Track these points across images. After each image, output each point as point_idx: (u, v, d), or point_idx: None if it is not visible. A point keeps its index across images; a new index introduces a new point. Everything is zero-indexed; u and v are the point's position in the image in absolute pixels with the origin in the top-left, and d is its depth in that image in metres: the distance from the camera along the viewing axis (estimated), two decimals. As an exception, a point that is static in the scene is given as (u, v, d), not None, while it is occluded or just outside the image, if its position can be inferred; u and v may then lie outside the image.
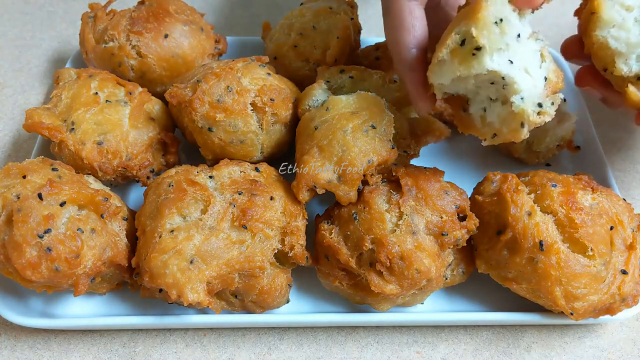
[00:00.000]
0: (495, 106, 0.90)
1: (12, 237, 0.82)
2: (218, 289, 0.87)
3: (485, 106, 0.91)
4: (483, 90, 0.90)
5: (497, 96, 0.89)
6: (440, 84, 0.87)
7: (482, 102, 0.91)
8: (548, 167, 1.22)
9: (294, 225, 0.93)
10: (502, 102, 0.90)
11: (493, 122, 0.91)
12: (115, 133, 1.03)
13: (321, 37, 1.16)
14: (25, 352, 0.97)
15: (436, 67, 0.86)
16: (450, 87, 0.89)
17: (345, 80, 1.07)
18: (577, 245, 0.88)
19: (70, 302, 0.99)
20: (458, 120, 0.95)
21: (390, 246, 0.87)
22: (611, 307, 0.90)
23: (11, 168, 0.91)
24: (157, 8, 1.20)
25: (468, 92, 0.91)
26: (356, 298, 0.96)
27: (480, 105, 0.92)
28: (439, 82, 0.87)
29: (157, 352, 0.97)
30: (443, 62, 0.85)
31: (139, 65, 1.16)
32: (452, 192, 0.94)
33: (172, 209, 0.88)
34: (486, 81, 0.88)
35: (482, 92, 0.90)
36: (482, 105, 0.92)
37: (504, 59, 0.85)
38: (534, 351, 0.98)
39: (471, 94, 0.91)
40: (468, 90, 0.91)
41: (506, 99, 0.88)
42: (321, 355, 0.97)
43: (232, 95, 0.99)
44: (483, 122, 0.92)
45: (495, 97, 0.90)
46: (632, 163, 1.27)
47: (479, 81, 0.88)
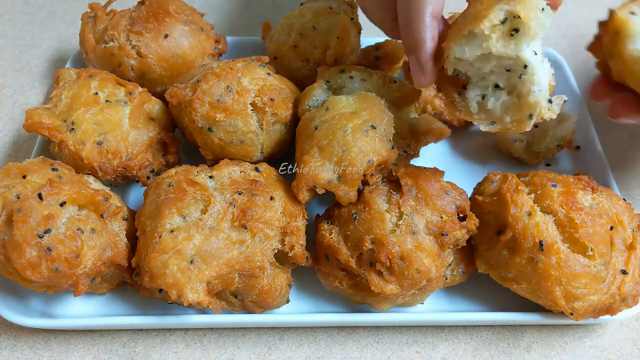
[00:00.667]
0: (500, 94, 0.90)
1: (12, 237, 0.82)
2: (218, 289, 0.87)
3: (486, 93, 0.91)
4: (493, 76, 0.89)
5: (505, 85, 0.89)
6: (457, 59, 0.86)
7: (484, 88, 0.91)
8: (548, 167, 1.22)
9: (294, 225, 0.93)
10: (508, 91, 0.89)
11: (493, 110, 0.91)
12: (115, 133, 1.03)
13: (321, 37, 1.16)
14: (25, 352, 0.97)
15: (464, 39, 0.84)
16: (464, 65, 0.88)
17: (345, 80, 1.07)
18: (577, 245, 0.88)
19: (70, 302, 0.99)
20: (449, 103, 0.93)
21: (390, 246, 0.87)
22: (611, 307, 0.90)
23: (11, 168, 0.91)
24: (157, 8, 1.20)
25: (474, 74, 0.90)
26: (356, 298, 0.96)
27: (479, 91, 0.91)
28: (459, 57, 0.85)
29: (157, 352, 0.97)
30: (474, 36, 0.83)
31: (139, 65, 1.16)
32: (452, 192, 0.94)
33: (172, 209, 0.88)
34: (504, 66, 0.87)
35: (489, 78, 0.90)
36: (482, 91, 0.91)
37: (533, 48, 0.85)
38: (534, 351, 0.98)
39: (475, 78, 0.90)
40: (475, 73, 0.90)
41: (514, 89, 0.89)
42: (321, 355, 0.97)
43: (232, 95, 0.99)
44: (481, 108, 0.91)
45: (503, 85, 0.89)
46: (632, 163, 1.27)
47: (497, 65, 0.87)
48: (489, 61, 0.87)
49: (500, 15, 0.82)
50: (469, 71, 0.90)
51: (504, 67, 0.87)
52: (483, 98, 0.91)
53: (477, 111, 0.92)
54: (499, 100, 0.90)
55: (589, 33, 1.48)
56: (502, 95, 0.90)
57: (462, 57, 0.85)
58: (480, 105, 0.92)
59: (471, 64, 0.88)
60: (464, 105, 0.92)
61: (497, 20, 0.82)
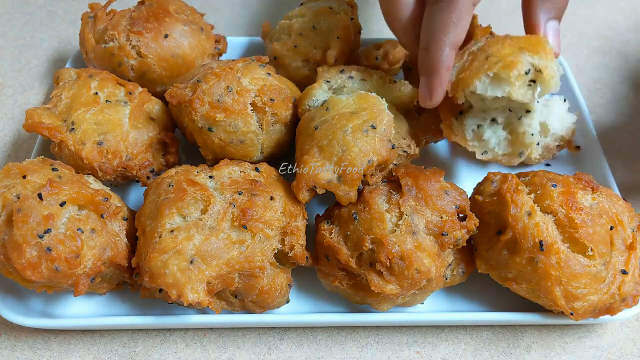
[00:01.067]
0: (496, 128, 1.01)
1: (12, 237, 0.82)
2: (218, 289, 0.87)
3: (482, 124, 1.02)
4: (494, 112, 1.00)
5: (502, 121, 1.01)
6: (472, 92, 0.96)
7: (482, 119, 1.01)
8: (548, 167, 1.22)
9: (294, 225, 0.93)
10: (503, 127, 1.01)
11: (488, 141, 1.02)
12: (115, 133, 1.03)
13: (321, 37, 1.16)
14: (25, 352, 0.97)
15: (488, 79, 0.94)
16: (475, 97, 0.98)
17: (345, 80, 1.07)
18: (577, 245, 0.88)
19: (70, 302, 0.99)
20: (447, 126, 1.02)
21: (390, 246, 0.87)
22: (611, 307, 0.90)
23: (11, 168, 0.91)
24: (157, 8, 1.20)
25: (479, 106, 1.00)
26: (356, 298, 0.96)
27: (477, 121, 1.01)
28: (479, 92, 0.95)
29: (157, 352, 0.97)
30: (499, 79, 0.94)
31: (139, 65, 1.16)
32: (452, 192, 0.94)
33: (172, 209, 0.88)
34: (508, 106, 1.00)
35: (491, 112, 1.00)
36: (479, 122, 1.01)
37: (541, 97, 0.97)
38: (534, 351, 0.98)
39: (477, 109, 1.01)
40: (480, 105, 1.00)
41: (509, 126, 1.01)
42: (321, 355, 0.97)
43: (232, 95, 0.99)
44: (476, 136, 1.02)
45: (500, 121, 1.01)
46: (632, 163, 1.27)
47: (503, 104, 0.99)
48: (500, 100, 0.98)
49: (526, 66, 0.93)
50: (476, 103, 0.99)
51: (508, 107, 0.99)
52: (478, 127, 1.02)
53: (472, 138, 1.02)
54: (495, 133, 1.01)
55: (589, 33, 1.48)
56: (498, 130, 1.01)
57: (483, 93, 0.95)
58: (476, 133, 1.02)
59: (482, 98, 0.98)
60: (461, 131, 1.02)
61: (523, 70, 0.93)
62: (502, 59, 0.94)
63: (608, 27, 1.63)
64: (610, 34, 1.61)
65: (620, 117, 1.37)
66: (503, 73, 0.93)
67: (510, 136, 1.04)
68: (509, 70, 0.92)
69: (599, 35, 1.61)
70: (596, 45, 1.58)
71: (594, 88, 1.45)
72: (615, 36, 1.60)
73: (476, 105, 1.02)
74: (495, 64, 0.94)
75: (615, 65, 1.51)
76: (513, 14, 1.67)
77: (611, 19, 1.66)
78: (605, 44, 1.58)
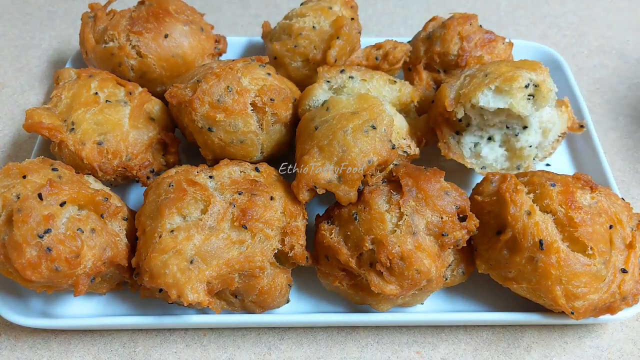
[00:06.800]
0: (493, 145, 1.05)
1: (12, 237, 0.82)
2: (218, 289, 0.87)
3: (479, 142, 1.05)
4: (492, 129, 1.04)
5: (499, 139, 1.05)
6: (472, 106, 1.00)
7: (479, 137, 1.05)
8: (547, 166, 1.22)
9: (294, 225, 0.93)
10: (499, 144, 1.05)
11: (485, 158, 1.05)
12: (115, 133, 1.03)
13: (321, 37, 1.16)
14: (25, 352, 0.97)
15: (490, 92, 0.99)
16: (475, 112, 1.02)
17: (345, 80, 1.07)
18: (577, 244, 0.88)
19: (70, 302, 0.99)
20: (444, 144, 1.06)
21: (390, 246, 0.87)
22: (611, 306, 0.90)
23: (11, 168, 0.91)
24: (157, 8, 1.20)
25: (477, 123, 1.04)
26: (356, 298, 0.96)
27: (474, 139, 1.05)
28: (481, 105, 0.99)
29: (157, 352, 0.97)
30: (501, 91, 0.98)
31: (139, 65, 1.16)
32: (452, 192, 0.94)
33: (172, 209, 0.88)
34: (505, 123, 1.03)
35: (488, 129, 1.04)
36: (476, 140, 1.05)
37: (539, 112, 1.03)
38: (534, 351, 0.98)
39: (475, 127, 1.04)
40: (479, 122, 1.03)
41: (506, 143, 1.05)
42: (321, 355, 0.97)
43: (232, 95, 0.99)
44: (474, 154, 1.05)
45: (497, 139, 1.05)
46: (632, 163, 1.27)
47: (502, 120, 1.02)
48: (499, 116, 1.01)
49: (526, 80, 0.97)
50: (474, 120, 1.03)
51: (506, 124, 1.03)
52: (475, 146, 1.05)
53: (470, 156, 1.05)
54: (492, 150, 1.05)
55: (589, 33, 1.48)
56: (495, 146, 1.05)
57: (485, 106, 0.98)
58: (474, 152, 1.05)
59: (482, 114, 1.02)
60: (458, 148, 1.05)
61: (523, 84, 0.97)
62: (502, 74, 0.99)
63: (608, 27, 1.63)
64: (610, 34, 1.61)
65: (620, 117, 1.37)
66: (505, 85, 0.97)
67: (508, 152, 1.06)
68: (510, 83, 0.97)
69: (599, 35, 1.61)
70: (596, 45, 1.58)
71: (594, 88, 1.45)
72: (615, 36, 1.60)
73: (474, 123, 1.03)
74: (495, 78, 0.98)
75: (615, 65, 1.51)
76: (513, 14, 1.68)
77: (611, 19, 1.66)
78: (605, 44, 1.58)
